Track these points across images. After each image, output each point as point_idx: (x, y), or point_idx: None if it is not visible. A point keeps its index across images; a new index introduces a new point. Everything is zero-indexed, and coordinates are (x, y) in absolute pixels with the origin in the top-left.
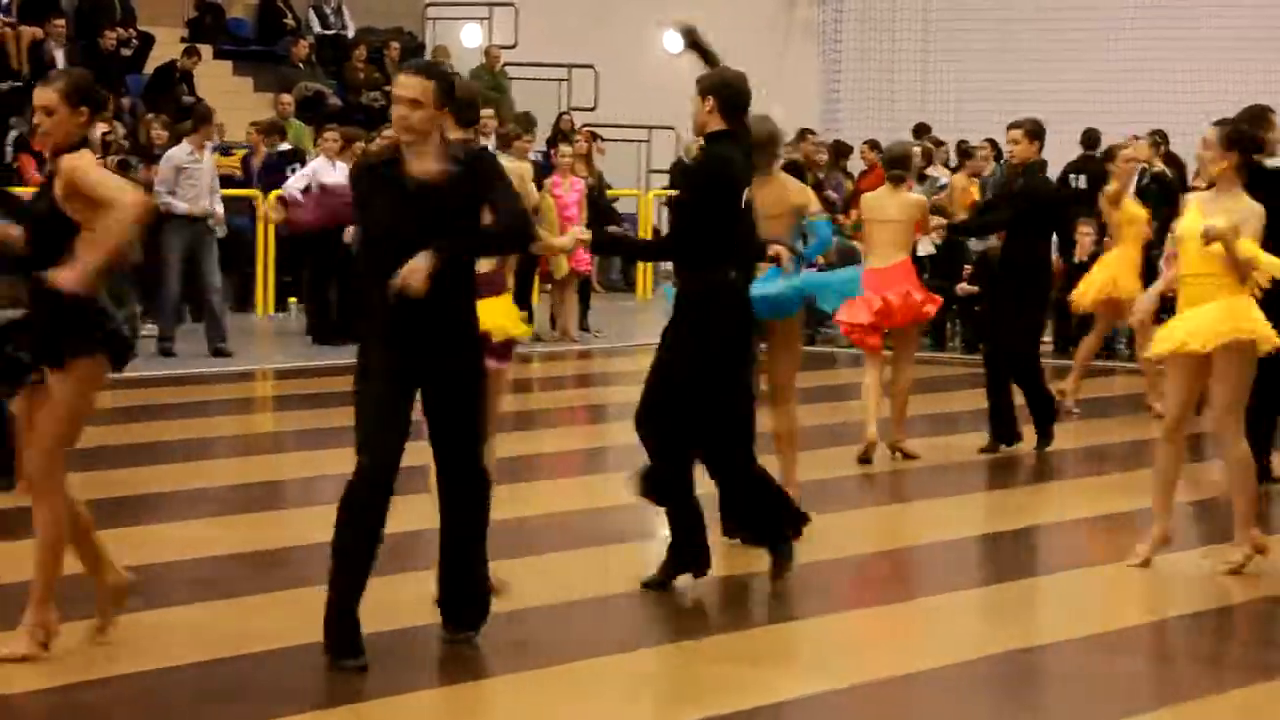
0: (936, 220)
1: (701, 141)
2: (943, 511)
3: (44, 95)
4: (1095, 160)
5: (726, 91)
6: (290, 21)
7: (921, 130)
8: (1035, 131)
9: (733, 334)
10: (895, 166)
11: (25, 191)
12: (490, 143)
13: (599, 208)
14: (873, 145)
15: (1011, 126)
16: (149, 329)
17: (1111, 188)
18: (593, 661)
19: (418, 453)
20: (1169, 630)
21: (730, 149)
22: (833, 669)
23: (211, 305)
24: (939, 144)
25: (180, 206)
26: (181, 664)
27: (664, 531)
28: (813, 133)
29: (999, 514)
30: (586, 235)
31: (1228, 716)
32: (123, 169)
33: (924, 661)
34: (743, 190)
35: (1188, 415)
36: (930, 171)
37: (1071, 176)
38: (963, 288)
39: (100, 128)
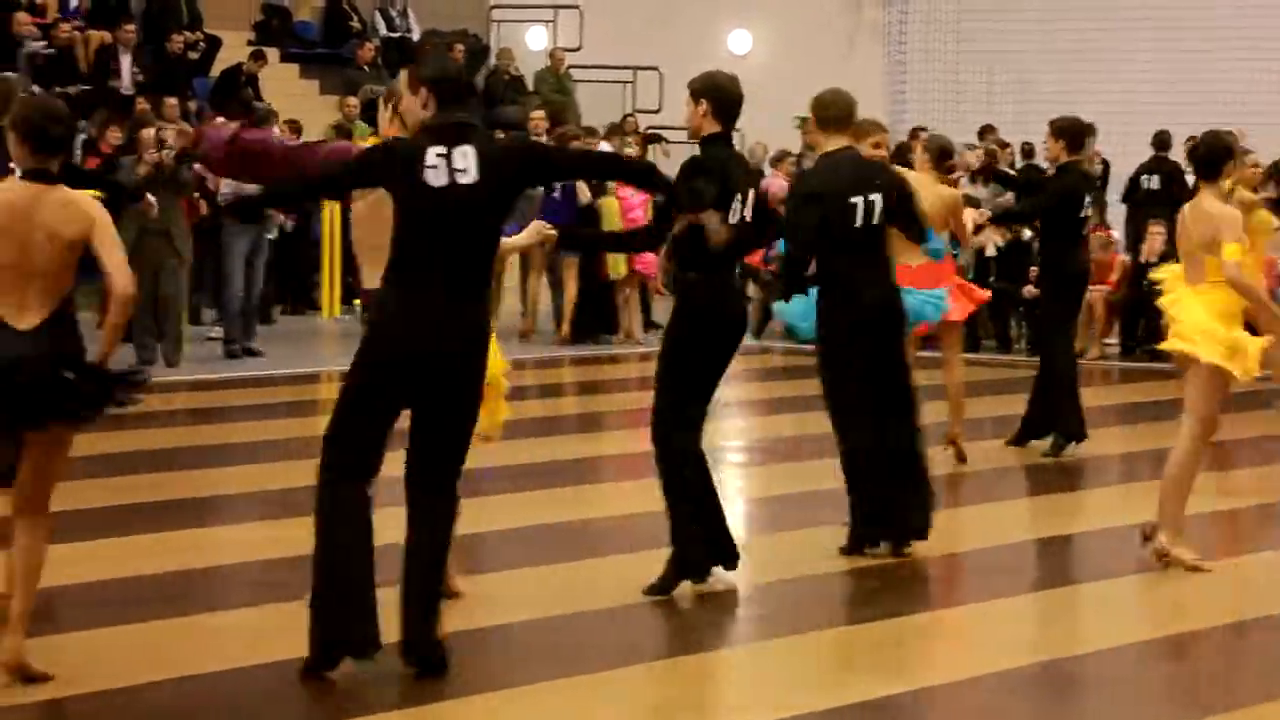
0: (978, 214)
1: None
2: (999, 514)
3: None
4: (1167, 161)
5: (719, 94)
6: (356, 24)
7: (986, 131)
8: (1062, 130)
9: (725, 334)
10: (944, 158)
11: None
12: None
13: (661, 209)
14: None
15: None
16: (215, 331)
17: (1248, 196)
18: (665, 662)
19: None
20: (1224, 636)
21: (725, 151)
22: (891, 672)
23: (246, 306)
24: (1004, 145)
25: (249, 188)
26: (247, 665)
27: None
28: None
29: (1061, 517)
30: (550, 231)
31: None
32: (179, 161)
33: (977, 666)
34: (737, 193)
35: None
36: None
37: (1144, 177)
38: (1029, 290)
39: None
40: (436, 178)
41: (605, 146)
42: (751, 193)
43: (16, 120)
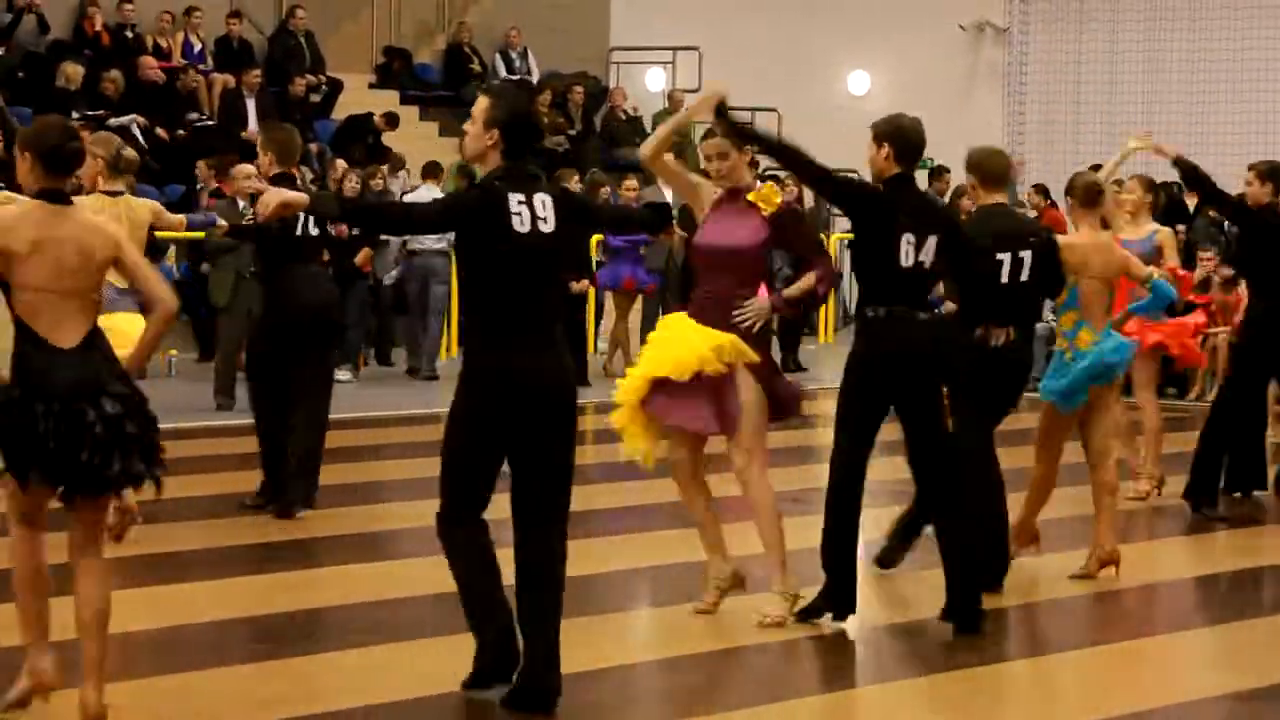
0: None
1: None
2: (1158, 551)
3: None
4: None
5: (902, 137)
6: (476, 66)
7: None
8: (1268, 173)
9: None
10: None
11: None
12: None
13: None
14: (1039, 189)
15: (1250, 167)
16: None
17: None
18: (803, 700)
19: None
20: None
21: (907, 193)
22: (1059, 708)
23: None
24: (1120, 184)
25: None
26: (342, 708)
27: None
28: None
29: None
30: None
31: None
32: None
33: (1150, 700)
34: (904, 233)
35: None
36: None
37: None
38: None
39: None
40: (520, 224)
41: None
42: (933, 238)
43: (30, 140)
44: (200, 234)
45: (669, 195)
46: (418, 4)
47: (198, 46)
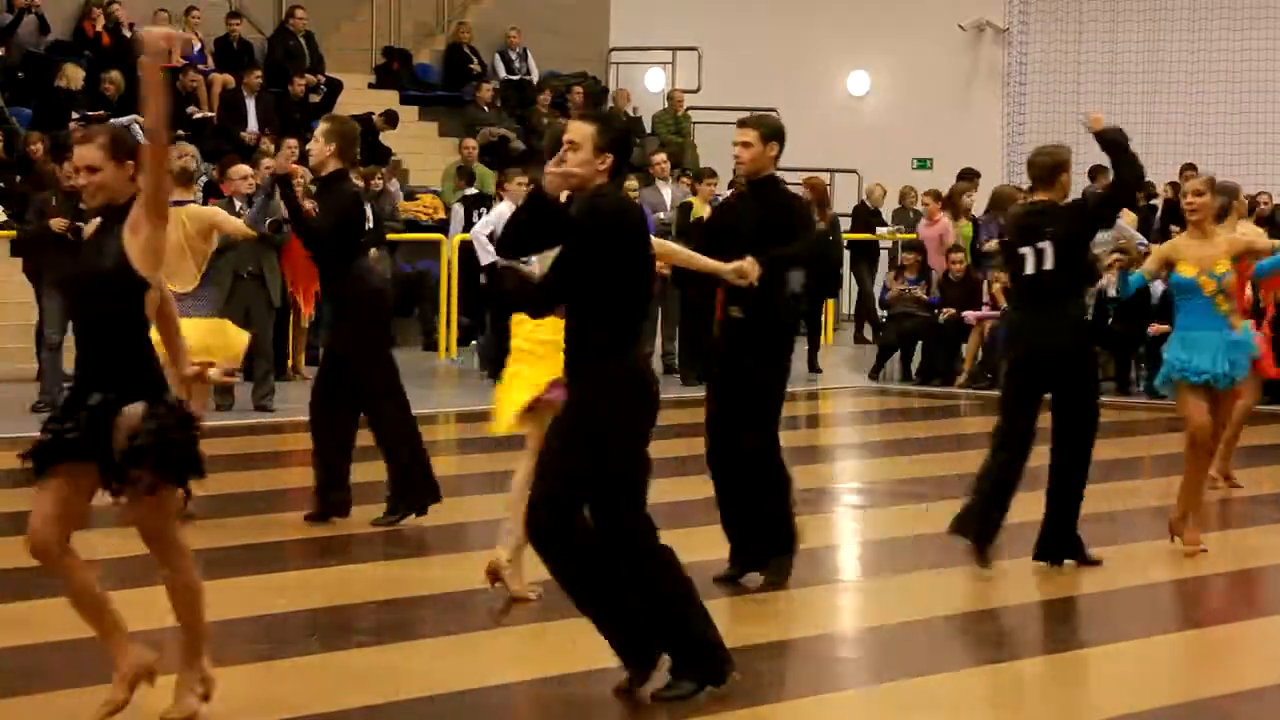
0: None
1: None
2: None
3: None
4: None
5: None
6: (476, 66)
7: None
8: None
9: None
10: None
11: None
12: (668, 185)
13: None
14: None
15: None
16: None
17: None
18: (911, 681)
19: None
20: None
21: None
22: (1152, 688)
23: None
24: None
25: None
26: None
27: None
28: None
29: None
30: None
31: None
32: (275, 230)
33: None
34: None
35: None
36: (1120, 219)
37: None
38: (1155, 327)
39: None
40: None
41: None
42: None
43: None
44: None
45: (668, 198)
46: (417, 4)
47: (197, 46)
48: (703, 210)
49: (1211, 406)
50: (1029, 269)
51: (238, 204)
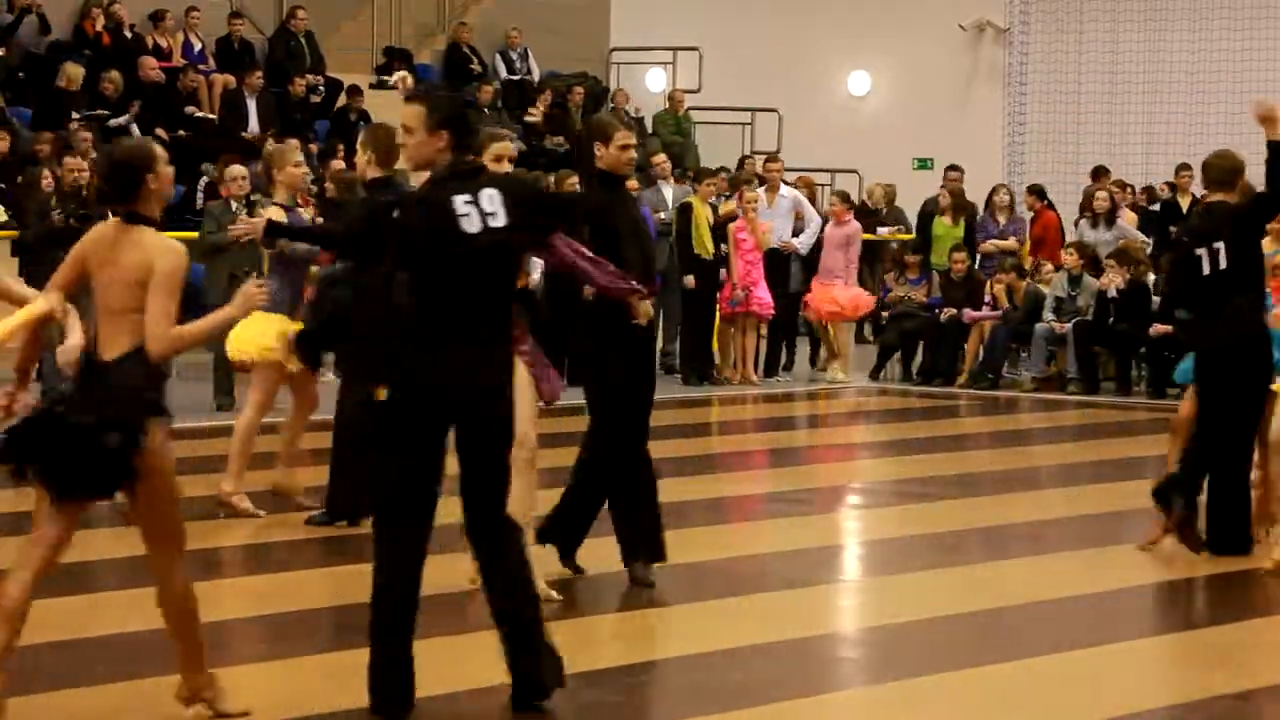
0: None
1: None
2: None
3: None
4: None
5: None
6: (476, 67)
7: (1099, 173)
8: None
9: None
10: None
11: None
12: (669, 185)
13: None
14: (1035, 190)
15: None
16: None
17: None
18: (913, 681)
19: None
20: None
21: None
22: (1154, 688)
23: None
24: (1124, 186)
25: None
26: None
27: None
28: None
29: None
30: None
31: None
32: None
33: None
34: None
35: None
36: (1120, 220)
37: None
38: (1156, 328)
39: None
40: (470, 225)
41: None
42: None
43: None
44: None
45: (669, 197)
46: (418, 5)
47: (198, 46)
48: (704, 210)
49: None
50: (1205, 269)
51: (234, 205)
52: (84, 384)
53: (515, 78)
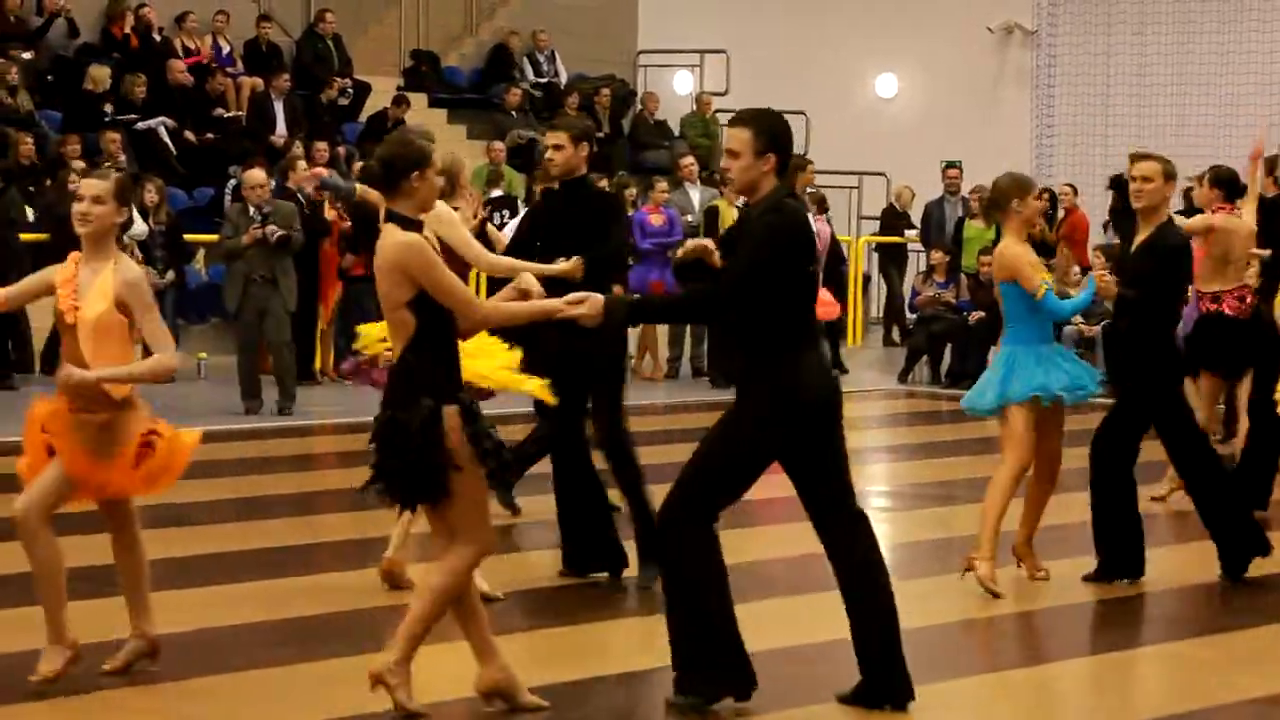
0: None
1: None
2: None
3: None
4: None
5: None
6: (517, 72)
7: (1118, 177)
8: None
9: None
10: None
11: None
12: (695, 188)
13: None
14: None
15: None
16: None
17: None
18: (935, 686)
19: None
20: None
21: None
22: (1177, 692)
23: None
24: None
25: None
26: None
27: None
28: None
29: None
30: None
31: None
32: (280, 245)
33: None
34: None
35: None
36: None
37: None
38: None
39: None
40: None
41: None
42: None
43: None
44: None
45: (696, 201)
46: (445, 7)
47: (226, 49)
48: (730, 213)
49: None
50: None
51: (251, 209)
52: None
53: (543, 80)
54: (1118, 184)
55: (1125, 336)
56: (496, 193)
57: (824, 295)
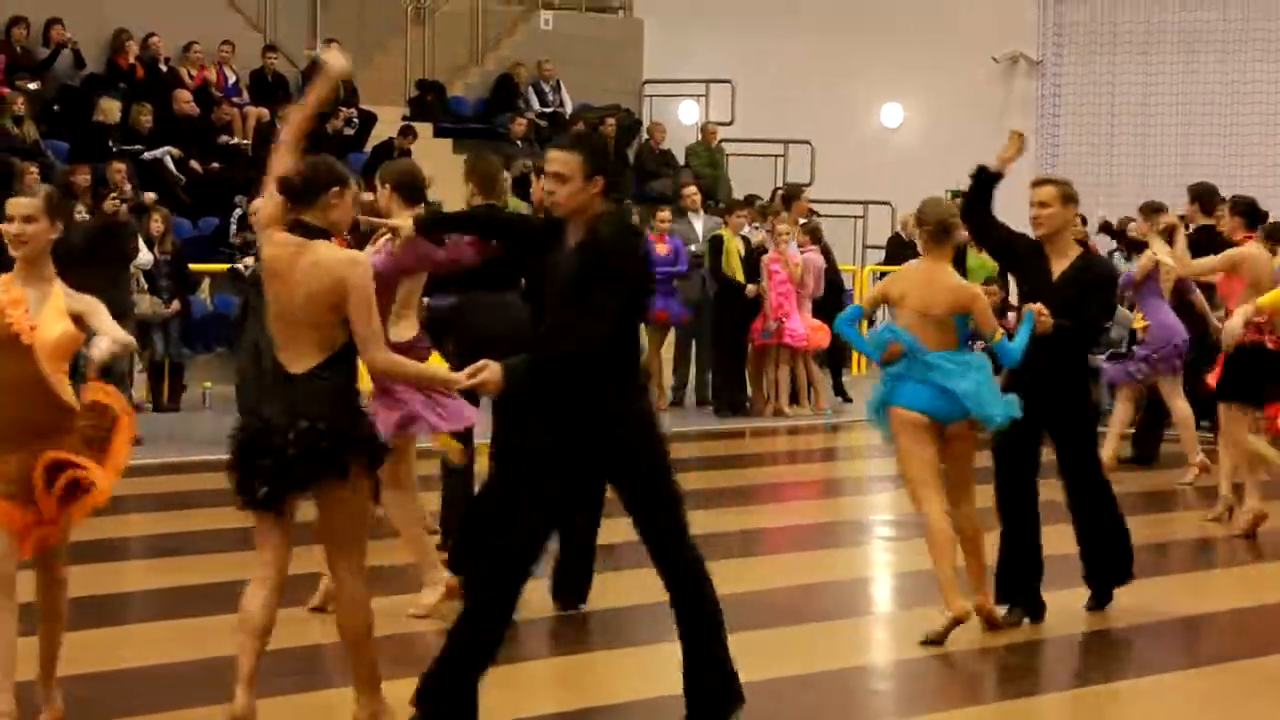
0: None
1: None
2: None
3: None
4: None
5: None
6: (522, 103)
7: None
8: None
9: None
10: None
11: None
12: (699, 217)
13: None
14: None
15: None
16: None
17: None
18: (942, 714)
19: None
20: None
21: None
22: None
23: None
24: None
25: None
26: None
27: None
28: None
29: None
30: None
31: None
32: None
33: None
34: None
35: None
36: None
37: None
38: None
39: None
40: None
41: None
42: None
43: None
44: None
45: (700, 230)
46: (450, 37)
47: (232, 79)
48: (734, 242)
49: None
50: None
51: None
52: None
53: (548, 110)
54: (1108, 230)
55: (1045, 371)
56: None
57: (814, 323)
